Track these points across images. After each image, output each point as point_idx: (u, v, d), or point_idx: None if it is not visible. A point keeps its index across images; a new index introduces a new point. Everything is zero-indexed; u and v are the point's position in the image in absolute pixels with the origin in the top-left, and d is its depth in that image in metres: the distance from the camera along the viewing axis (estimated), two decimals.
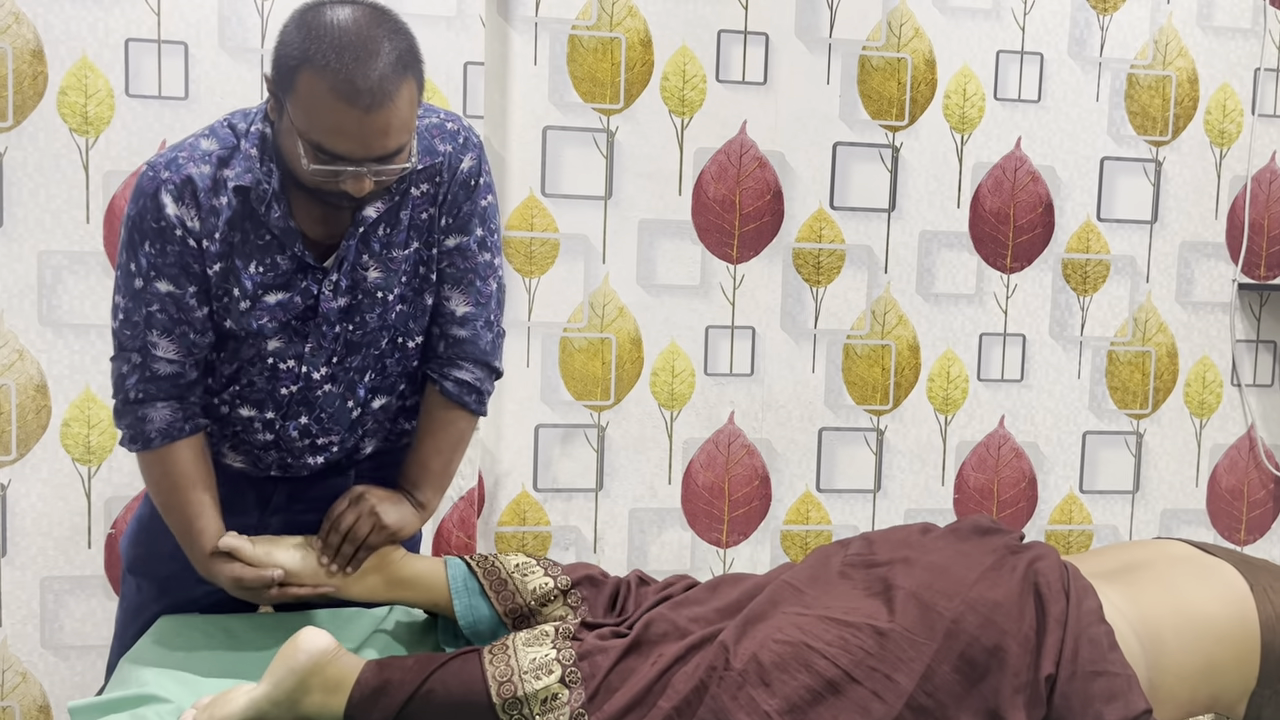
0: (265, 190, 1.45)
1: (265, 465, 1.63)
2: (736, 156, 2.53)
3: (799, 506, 2.63)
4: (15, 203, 2.23)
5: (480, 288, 1.60)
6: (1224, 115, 2.70)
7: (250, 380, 1.57)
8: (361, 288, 1.53)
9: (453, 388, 1.62)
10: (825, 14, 2.53)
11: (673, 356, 2.55)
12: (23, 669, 2.30)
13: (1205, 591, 1.45)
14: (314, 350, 1.54)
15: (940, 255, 2.63)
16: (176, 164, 1.45)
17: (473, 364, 1.63)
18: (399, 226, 1.53)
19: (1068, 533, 2.74)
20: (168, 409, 1.52)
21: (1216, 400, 2.78)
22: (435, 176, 1.54)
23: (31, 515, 2.28)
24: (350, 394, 1.59)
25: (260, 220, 1.47)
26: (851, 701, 1.29)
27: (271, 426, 1.59)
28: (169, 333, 1.49)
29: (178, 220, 1.44)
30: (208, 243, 1.46)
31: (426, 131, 1.53)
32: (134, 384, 1.50)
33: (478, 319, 1.61)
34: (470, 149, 1.56)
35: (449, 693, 1.36)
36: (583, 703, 1.34)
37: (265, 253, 1.49)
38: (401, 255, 1.54)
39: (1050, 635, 1.34)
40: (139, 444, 1.52)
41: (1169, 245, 2.72)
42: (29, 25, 2.19)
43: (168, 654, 1.52)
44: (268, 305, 1.50)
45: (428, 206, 1.54)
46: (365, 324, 1.55)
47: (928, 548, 1.46)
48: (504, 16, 2.41)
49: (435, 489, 1.64)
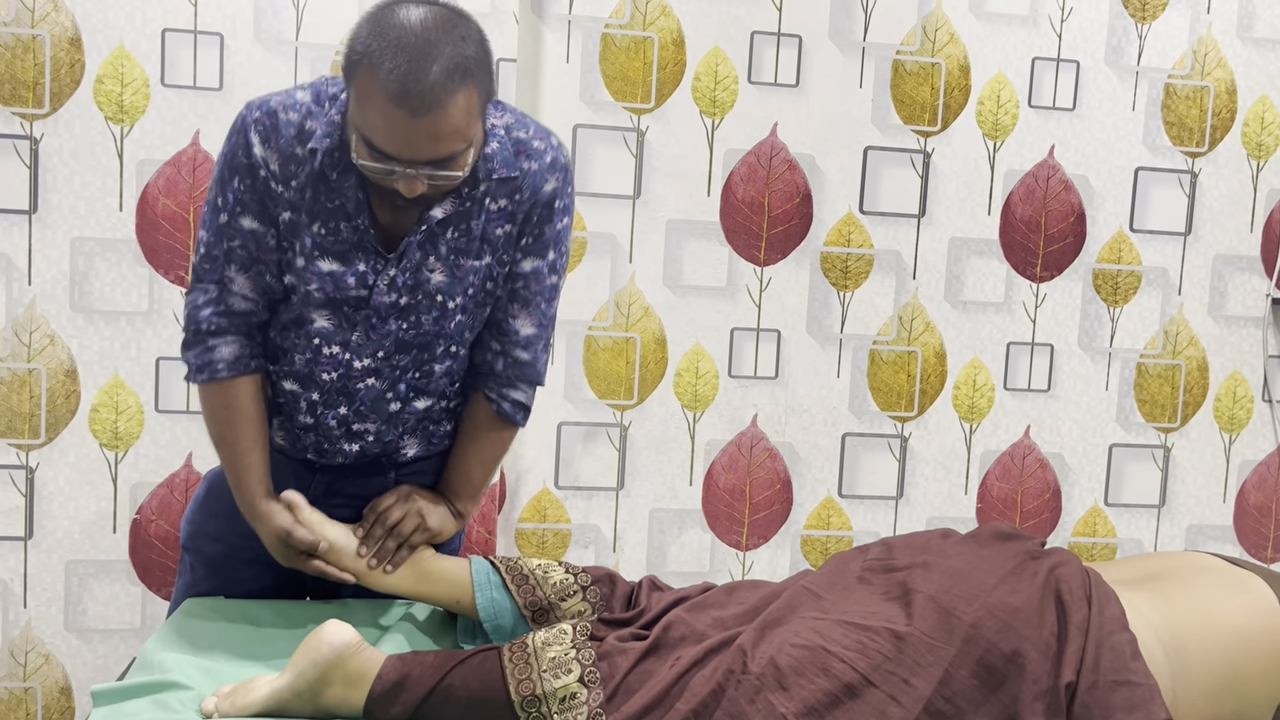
0: (340, 158, 1.47)
1: (303, 447, 1.64)
2: (766, 158, 2.52)
3: (820, 511, 2.62)
4: (50, 189, 2.25)
5: (544, 310, 1.62)
6: (1262, 128, 2.67)
7: (292, 358, 1.59)
8: (424, 289, 1.53)
9: (509, 408, 1.65)
10: (859, 17, 2.52)
11: (697, 357, 2.54)
12: (46, 651, 2.33)
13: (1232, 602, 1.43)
14: (360, 341, 1.55)
15: (969, 263, 2.61)
16: (268, 106, 1.50)
17: (528, 384, 1.66)
18: (472, 236, 1.52)
19: (1091, 545, 2.72)
20: (236, 344, 1.55)
21: (1247, 416, 2.74)
22: (515, 193, 1.52)
23: (59, 499, 2.30)
24: (393, 391, 1.59)
25: (334, 186, 1.49)
26: (868, 705, 1.29)
27: (313, 410, 1.60)
28: (246, 269, 1.53)
29: (262, 160, 1.49)
30: (283, 189, 1.49)
31: (515, 145, 1.52)
32: (208, 315, 1.53)
33: (539, 341, 1.63)
34: (556, 170, 1.55)
35: (468, 688, 1.37)
36: (600, 703, 1.34)
37: (331, 217, 1.50)
38: (470, 266, 1.53)
39: (1071, 643, 1.33)
40: (205, 374, 1.54)
41: (1202, 258, 2.69)
42: (67, 13, 2.22)
43: (191, 640, 1.53)
44: (319, 271, 1.51)
45: (504, 222, 1.54)
46: (420, 325, 1.55)
47: (947, 553, 1.46)
48: (537, 13, 2.41)
49: (474, 500, 1.68)
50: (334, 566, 1.56)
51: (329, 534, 1.56)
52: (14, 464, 2.29)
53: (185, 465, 2.33)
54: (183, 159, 2.28)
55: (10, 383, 2.27)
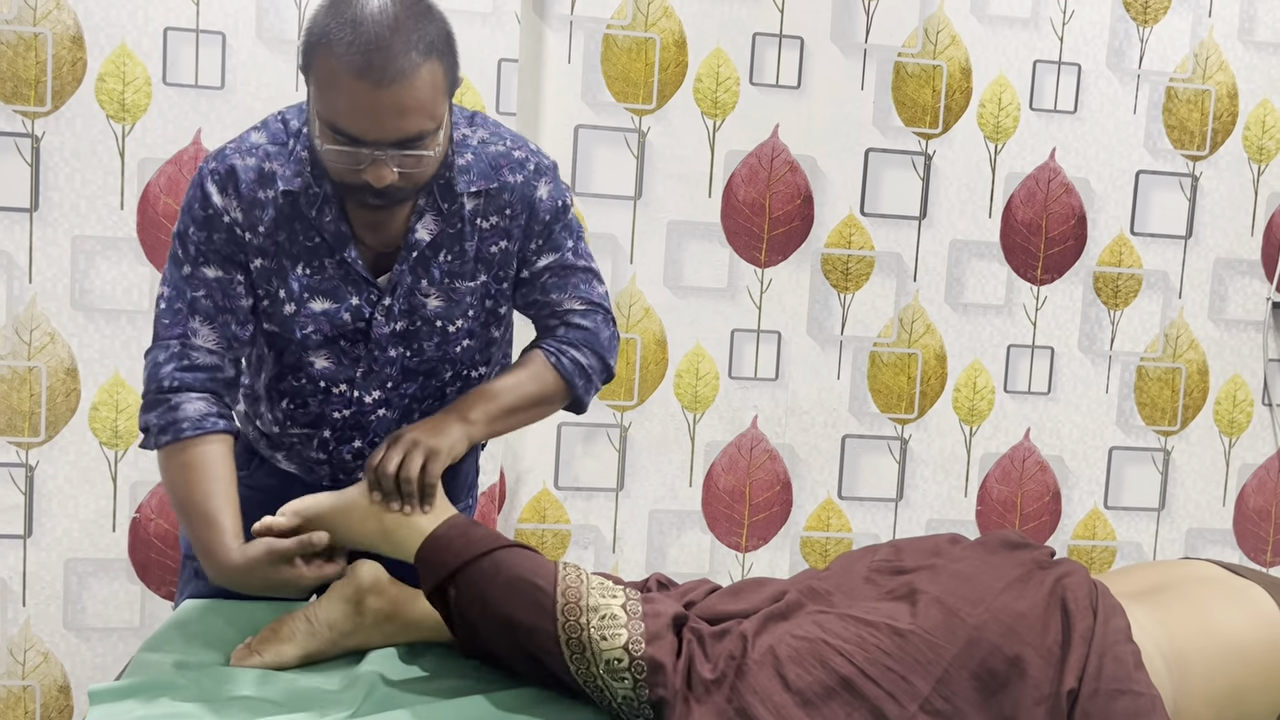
0: (315, 194, 1.44)
1: (318, 476, 1.62)
2: (768, 160, 2.52)
3: (820, 513, 2.62)
4: (51, 187, 2.25)
5: (587, 291, 1.56)
6: (1263, 131, 2.67)
7: (303, 401, 1.55)
8: (420, 314, 1.50)
9: (569, 364, 1.53)
10: (861, 19, 2.52)
11: (697, 359, 2.54)
12: (45, 649, 2.33)
13: (1234, 614, 1.43)
14: (365, 375, 1.52)
15: (970, 265, 2.61)
16: (223, 155, 1.47)
17: (591, 352, 1.56)
18: (465, 258, 1.50)
19: (1091, 548, 2.72)
20: (202, 402, 1.45)
21: (1247, 419, 2.75)
22: (506, 209, 1.50)
23: (58, 497, 2.30)
24: (406, 420, 1.56)
25: (311, 223, 1.45)
26: (865, 699, 1.29)
27: (325, 447, 1.58)
28: (211, 320, 1.46)
29: (222, 209, 1.44)
30: (251, 235, 1.46)
31: (493, 160, 1.49)
32: (170, 371, 1.45)
33: (597, 313, 1.57)
34: (542, 174, 1.52)
35: (519, 567, 1.34)
36: (641, 632, 1.32)
37: (314, 255, 1.47)
38: (466, 288, 1.50)
39: (1074, 651, 1.33)
40: (169, 434, 1.43)
41: (1203, 261, 2.69)
42: (69, 11, 2.22)
43: (189, 640, 1.53)
44: (313, 313, 1.48)
45: (499, 239, 1.51)
46: (423, 352, 1.52)
47: (955, 557, 1.46)
48: (539, 14, 2.41)
49: (490, 419, 1.48)
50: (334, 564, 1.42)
51: (315, 508, 1.42)
52: (14, 462, 2.29)
53: None
54: (184, 158, 2.28)
55: (10, 380, 2.27)
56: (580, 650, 1.31)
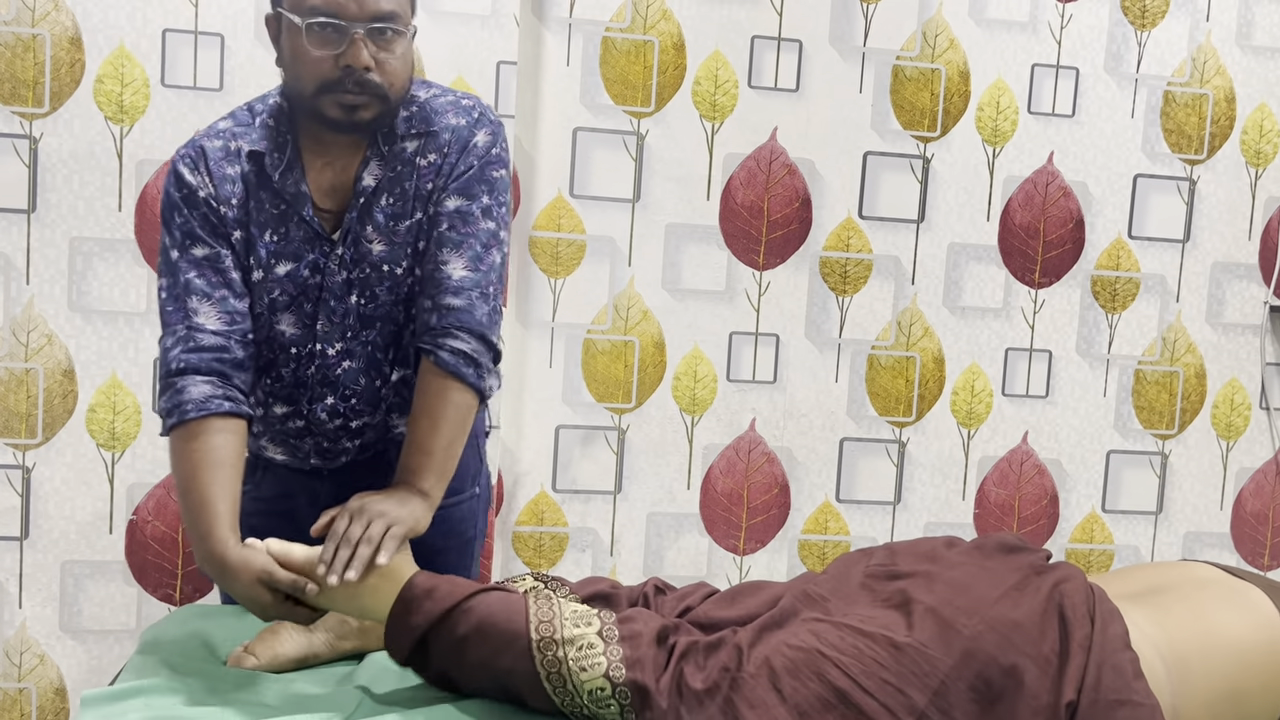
0: (277, 157, 1.52)
1: (304, 454, 1.64)
2: (766, 163, 2.52)
3: (818, 516, 2.62)
4: (49, 188, 2.25)
5: (481, 254, 1.54)
6: (1260, 135, 2.67)
7: (278, 374, 1.59)
8: (368, 260, 1.54)
9: (449, 357, 1.51)
10: (860, 22, 2.52)
11: (695, 361, 2.54)
12: (41, 651, 2.32)
13: (1233, 616, 1.43)
14: (325, 328, 1.56)
15: (968, 268, 2.61)
16: (192, 141, 1.56)
17: (468, 334, 1.52)
18: (404, 198, 1.54)
19: (1088, 552, 2.72)
20: (207, 385, 1.47)
21: (1244, 423, 2.75)
22: (444, 147, 1.55)
23: (55, 499, 2.30)
24: (375, 370, 1.59)
25: (275, 189, 1.52)
26: (861, 712, 1.28)
27: (300, 413, 1.60)
28: (208, 297, 1.51)
29: (195, 186, 1.52)
30: (225, 208, 1.52)
31: (439, 106, 1.56)
32: (176, 355, 1.49)
33: (474, 288, 1.53)
34: (485, 124, 1.57)
35: (490, 612, 1.35)
36: (621, 657, 1.32)
37: (280, 222, 1.53)
38: (406, 227, 1.54)
39: (1073, 661, 1.33)
40: (175, 417, 1.46)
41: (1200, 265, 2.69)
42: (68, 13, 2.22)
43: (184, 643, 1.52)
44: (278, 277, 1.54)
45: (433, 177, 1.55)
46: (376, 298, 1.56)
47: (951, 562, 1.45)
48: (538, 16, 2.41)
49: (437, 474, 1.49)
50: (305, 610, 1.40)
51: (297, 557, 1.39)
52: (10, 464, 2.28)
53: None
54: None
55: (7, 382, 2.27)
56: (563, 683, 1.32)
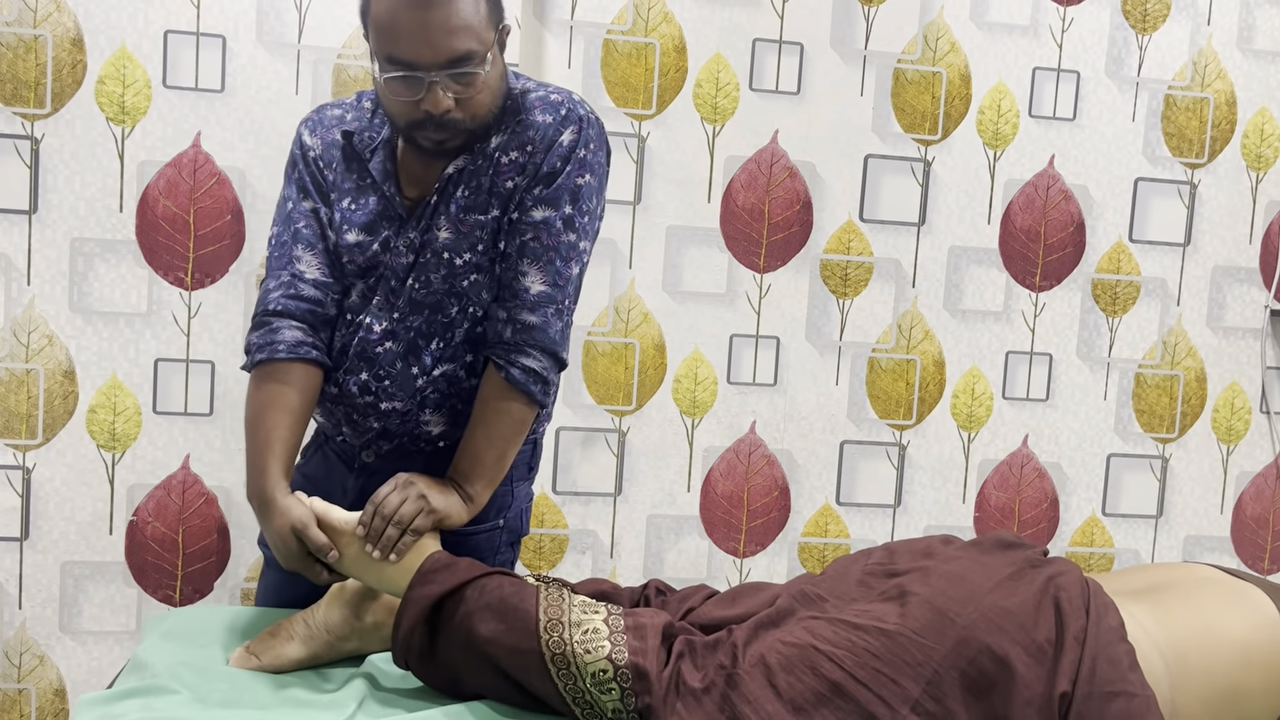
0: (370, 138, 1.61)
1: (336, 420, 1.66)
2: (767, 166, 2.52)
3: (818, 519, 2.62)
4: (50, 189, 2.25)
5: (560, 269, 1.56)
6: (1261, 139, 2.67)
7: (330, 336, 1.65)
8: (431, 246, 1.56)
9: (520, 375, 1.55)
10: (861, 25, 2.52)
11: (696, 364, 2.54)
12: (40, 652, 2.32)
13: (1234, 615, 1.43)
14: (380, 305, 1.59)
15: (969, 271, 2.61)
16: (319, 107, 1.69)
17: (541, 352, 1.56)
18: (481, 191, 1.55)
19: (1089, 555, 2.72)
20: (300, 331, 1.58)
21: (1245, 427, 2.75)
22: (527, 145, 1.55)
23: (55, 500, 2.30)
24: (414, 357, 1.59)
25: (364, 162, 1.60)
26: (855, 704, 1.29)
27: (335, 380, 1.62)
28: (313, 247, 1.60)
29: (309, 145, 1.64)
30: (329, 171, 1.62)
31: (529, 102, 1.57)
32: (277, 298, 1.58)
33: (550, 304, 1.56)
34: (572, 122, 1.56)
35: (502, 593, 1.39)
36: (625, 643, 1.35)
37: (361, 193, 1.60)
38: (476, 220, 1.56)
39: (1068, 652, 1.33)
40: (265, 353, 1.55)
41: (1201, 269, 2.69)
42: (70, 14, 2.22)
43: (183, 645, 1.52)
44: (348, 244, 1.59)
45: (514, 174, 1.55)
46: (430, 284, 1.57)
47: (948, 557, 1.45)
48: (539, 19, 2.41)
49: (487, 482, 1.57)
50: (326, 573, 1.48)
51: (341, 546, 1.48)
52: (11, 464, 2.28)
53: (183, 467, 2.33)
54: (183, 161, 2.28)
55: (8, 383, 2.27)
56: (565, 665, 1.33)
